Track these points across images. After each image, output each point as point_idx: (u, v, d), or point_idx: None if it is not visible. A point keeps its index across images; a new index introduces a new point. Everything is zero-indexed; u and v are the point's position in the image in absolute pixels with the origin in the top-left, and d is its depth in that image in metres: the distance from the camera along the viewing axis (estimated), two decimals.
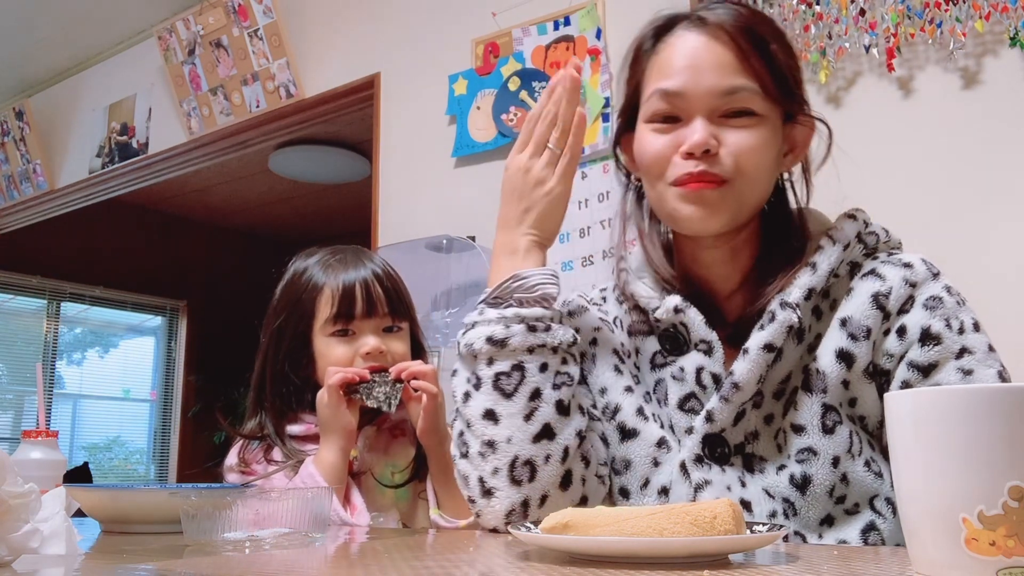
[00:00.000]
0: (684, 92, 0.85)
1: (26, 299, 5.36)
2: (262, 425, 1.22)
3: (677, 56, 0.87)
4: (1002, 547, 0.45)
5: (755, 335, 0.84)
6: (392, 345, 1.21)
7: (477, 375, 0.86)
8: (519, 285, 0.88)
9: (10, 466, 0.62)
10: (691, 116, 0.85)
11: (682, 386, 0.89)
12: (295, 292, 1.23)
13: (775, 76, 0.86)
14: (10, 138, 4.20)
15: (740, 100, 0.84)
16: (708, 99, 0.84)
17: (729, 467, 0.86)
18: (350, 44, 2.97)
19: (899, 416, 0.52)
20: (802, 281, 0.85)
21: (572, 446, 0.85)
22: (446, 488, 1.15)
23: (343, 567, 0.64)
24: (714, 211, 0.85)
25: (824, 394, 0.83)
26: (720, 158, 0.84)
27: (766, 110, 0.85)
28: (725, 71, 0.84)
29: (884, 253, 0.90)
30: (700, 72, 0.85)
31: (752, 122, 0.85)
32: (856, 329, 0.84)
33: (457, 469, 0.88)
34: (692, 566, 0.57)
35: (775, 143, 0.88)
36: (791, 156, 0.92)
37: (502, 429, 0.84)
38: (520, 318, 0.85)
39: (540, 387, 0.85)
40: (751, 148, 0.84)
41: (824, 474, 0.82)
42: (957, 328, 0.82)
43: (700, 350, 0.89)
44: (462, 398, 0.88)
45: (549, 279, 0.88)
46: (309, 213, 5.62)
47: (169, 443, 5.79)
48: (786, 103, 0.88)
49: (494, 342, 0.85)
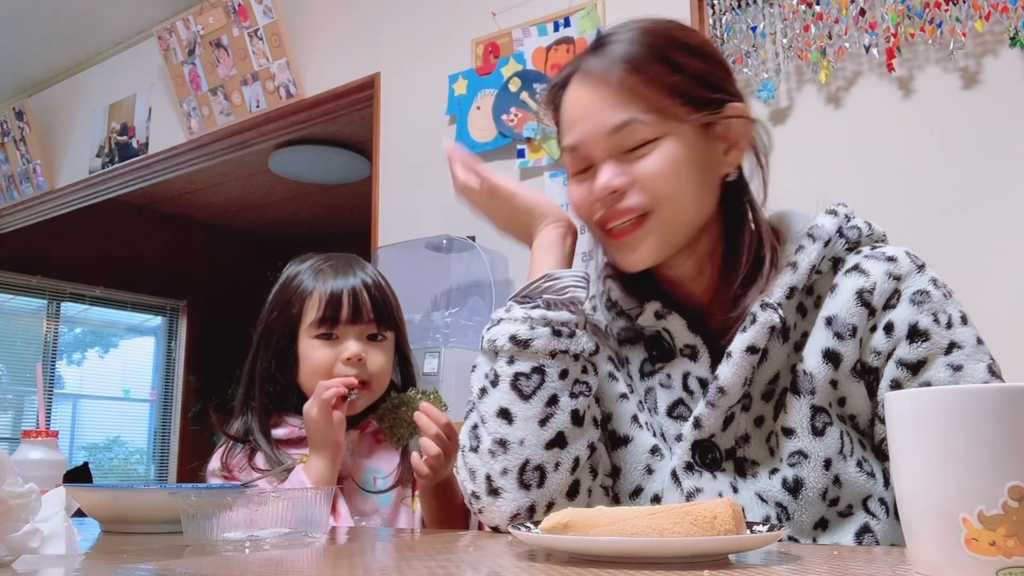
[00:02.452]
0: (582, 143, 0.87)
1: (26, 299, 5.36)
2: (248, 427, 1.22)
3: (568, 110, 0.90)
4: (1002, 547, 0.45)
5: (738, 338, 0.84)
6: (373, 354, 1.22)
7: (496, 372, 0.86)
8: (549, 286, 0.88)
9: (10, 466, 0.62)
10: (597, 162, 0.87)
11: (670, 393, 0.89)
12: (285, 295, 1.25)
13: (670, 93, 0.84)
14: (10, 138, 4.20)
15: (631, 132, 0.84)
16: (603, 141, 0.85)
17: (720, 473, 0.86)
18: (350, 44, 2.97)
19: (899, 416, 0.52)
20: (783, 280, 0.85)
21: (583, 457, 0.85)
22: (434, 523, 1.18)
23: (343, 567, 0.64)
24: (640, 251, 0.86)
25: (812, 395, 0.83)
26: (631, 193, 0.84)
27: (663, 130, 0.84)
28: (609, 110, 0.85)
29: (867, 247, 0.88)
30: (587, 120, 0.86)
31: (653, 147, 0.84)
32: (842, 328, 0.83)
33: (464, 461, 0.88)
34: (692, 566, 0.57)
35: (693, 154, 0.85)
36: (734, 152, 0.89)
37: (516, 430, 0.84)
38: (546, 320, 0.85)
39: (558, 393, 0.84)
40: (662, 171, 0.84)
41: (816, 477, 0.81)
42: (945, 323, 0.81)
43: (685, 355, 0.89)
44: (479, 393, 0.88)
45: (579, 282, 0.88)
46: (309, 213, 5.62)
47: (169, 443, 5.79)
48: (692, 113, 0.85)
49: (517, 341, 0.85)
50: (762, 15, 2.04)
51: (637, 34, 0.87)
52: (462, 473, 0.88)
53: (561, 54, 2.39)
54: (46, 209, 4.25)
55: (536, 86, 2.41)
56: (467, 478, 0.87)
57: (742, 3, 2.06)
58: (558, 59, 2.39)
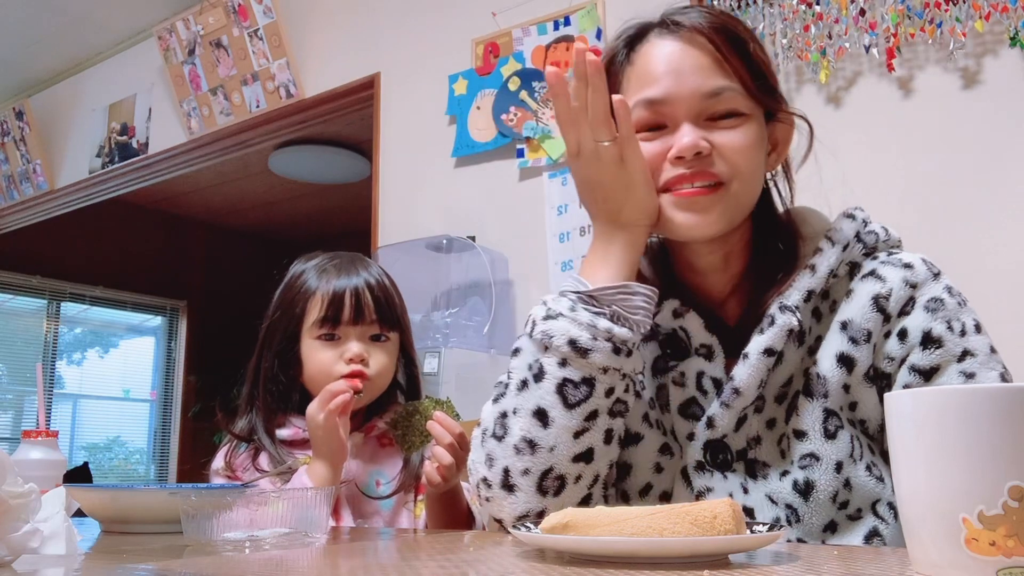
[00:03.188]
0: (668, 98, 0.84)
1: (26, 299, 5.36)
2: (252, 426, 1.22)
3: (655, 63, 0.85)
4: (1002, 547, 0.45)
5: (755, 339, 0.83)
6: (376, 355, 1.21)
7: (543, 368, 0.82)
8: (623, 298, 0.82)
9: (10, 466, 0.62)
10: (677, 122, 0.84)
11: (683, 391, 0.89)
12: (289, 294, 1.25)
13: (755, 75, 0.85)
14: (10, 138, 4.20)
15: (725, 101, 0.83)
16: (693, 103, 0.83)
17: (731, 473, 0.85)
18: (350, 44, 2.97)
19: (900, 416, 0.52)
20: (801, 283, 0.85)
21: (602, 475, 0.84)
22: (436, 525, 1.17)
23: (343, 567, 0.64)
24: (708, 216, 0.83)
25: (825, 399, 0.83)
26: (713, 160, 0.83)
27: (751, 109, 0.85)
28: (707, 73, 0.83)
29: (884, 252, 0.89)
30: (682, 76, 0.83)
31: (740, 122, 0.84)
32: (856, 333, 0.83)
33: (484, 446, 0.84)
34: (692, 566, 0.57)
35: (763, 142, 0.87)
36: (774, 155, 0.91)
37: (550, 435, 0.81)
38: (610, 335, 0.80)
39: (599, 410, 0.82)
40: (743, 147, 0.84)
41: (827, 480, 0.81)
42: (959, 330, 0.81)
43: (700, 354, 0.88)
44: (519, 383, 0.83)
45: (649, 303, 0.83)
46: (309, 213, 5.62)
47: (169, 443, 5.79)
48: (767, 101, 0.87)
49: (576, 348, 0.80)
50: (762, 15, 2.04)
51: (720, 12, 0.88)
52: (477, 455, 0.85)
53: (561, 52, 2.39)
54: (46, 209, 4.25)
55: (536, 84, 2.41)
56: (482, 462, 0.84)
57: (742, 3, 2.06)
58: (557, 57, 2.39)
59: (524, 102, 2.43)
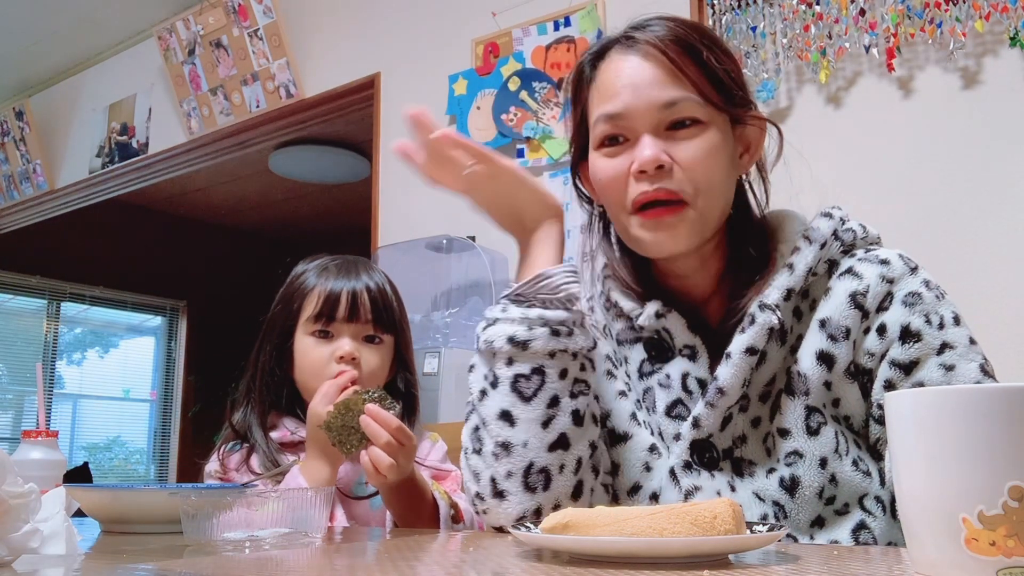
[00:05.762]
0: (626, 112, 0.86)
1: (26, 299, 5.36)
2: (247, 420, 1.22)
3: (614, 79, 0.88)
4: (1002, 547, 0.45)
5: (737, 339, 0.84)
6: (368, 355, 1.21)
7: (495, 373, 0.86)
8: (544, 284, 0.87)
9: (10, 466, 0.62)
10: (637, 134, 0.86)
11: (669, 392, 0.90)
12: (288, 290, 1.26)
13: (714, 83, 0.86)
14: (10, 138, 4.20)
15: (681, 110, 0.85)
16: (650, 114, 0.85)
17: (718, 472, 0.86)
18: (350, 44, 2.97)
19: (899, 416, 0.52)
20: (780, 282, 0.86)
21: (585, 457, 0.86)
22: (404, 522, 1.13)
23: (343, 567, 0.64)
24: (676, 233, 0.85)
25: (807, 396, 0.84)
26: (674, 174, 0.84)
27: (709, 116, 0.86)
28: (662, 85, 0.85)
29: (862, 249, 0.89)
30: (638, 90, 0.86)
31: (699, 130, 0.85)
32: (835, 330, 0.84)
33: (468, 463, 0.88)
34: (692, 566, 0.57)
35: (726, 148, 0.88)
36: (747, 157, 0.92)
37: (518, 433, 0.84)
38: (544, 320, 0.85)
39: (559, 394, 0.85)
40: (703, 158, 0.85)
41: (812, 476, 0.82)
42: (937, 323, 0.82)
43: (684, 355, 0.89)
44: (478, 395, 0.87)
45: (572, 278, 0.88)
46: (309, 213, 5.62)
47: (169, 443, 5.79)
48: (729, 107, 0.88)
49: (516, 343, 0.85)
50: (762, 15, 2.04)
51: (679, 23, 0.89)
52: (465, 475, 0.88)
53: (561, 53, 2.39)
54: (46, 209, 4.25)
55: (536, 84, 2.41)
56: (471, 480, 0.87)
57: (742, 3, 2.06)
58: (558, 58, 2.39)
59: (524, 102, 2.43)
